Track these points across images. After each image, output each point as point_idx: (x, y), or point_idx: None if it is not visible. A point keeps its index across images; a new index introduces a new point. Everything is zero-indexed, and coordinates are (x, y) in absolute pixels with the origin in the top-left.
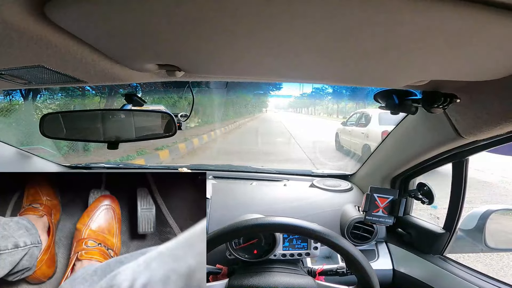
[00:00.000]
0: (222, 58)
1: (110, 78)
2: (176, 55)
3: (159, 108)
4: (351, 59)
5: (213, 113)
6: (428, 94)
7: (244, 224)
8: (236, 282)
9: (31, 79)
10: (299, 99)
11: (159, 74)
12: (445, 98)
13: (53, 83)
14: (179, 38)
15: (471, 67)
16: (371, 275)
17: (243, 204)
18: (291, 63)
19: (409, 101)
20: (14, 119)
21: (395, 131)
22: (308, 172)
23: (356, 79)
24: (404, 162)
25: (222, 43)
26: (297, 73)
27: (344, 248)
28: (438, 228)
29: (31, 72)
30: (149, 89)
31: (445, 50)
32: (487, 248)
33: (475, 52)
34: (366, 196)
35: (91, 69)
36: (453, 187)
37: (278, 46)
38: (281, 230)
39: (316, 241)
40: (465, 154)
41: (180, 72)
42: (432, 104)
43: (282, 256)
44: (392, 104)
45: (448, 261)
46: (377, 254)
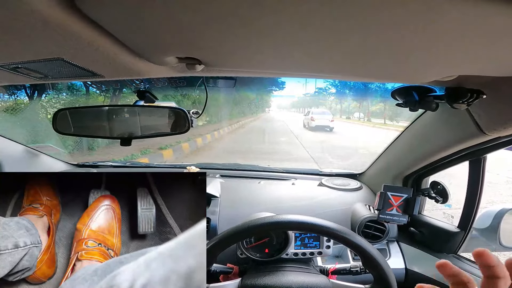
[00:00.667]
0: (245, 51)
1: (127, 72)
2: (199, 47)
3: (170, 104)
4: (380, 54)
5: (217, 113)
6: (452, 90)
7: (258, 222)
8: (249, 282)
9: (47, 73)
10: (302, 99)
11: (177, 68)
12: (471, 94)
13: (69, 77)
14: (203, 29)
15: (501, 62)
16: (388, 273)
17: (252, 202)
18: (316, 58)
19: (430, 98)
20: (19, 118)
21: (410, 129)
22: (316, 171)
23: (382, 75)
24: (419, 161)
25: (246, 35)
26: (321, 68)
27: (360, 246)
28: (453, 227)
29: (49, 65)
30: (163, 86)
31: (478, 44)
32: (502, 247)
33: (506, 46)
34: (380, 194)
35: (110, 62)
36: (469, 185)
37: (305, 40)
38: (296, 228)
39: (331, 239)
40: (484, 151)
41: (200, 66)
42: (457, 100)
43: (294, 255)
44: (412, 101)
45: (463, 260)
46: (389, 253)
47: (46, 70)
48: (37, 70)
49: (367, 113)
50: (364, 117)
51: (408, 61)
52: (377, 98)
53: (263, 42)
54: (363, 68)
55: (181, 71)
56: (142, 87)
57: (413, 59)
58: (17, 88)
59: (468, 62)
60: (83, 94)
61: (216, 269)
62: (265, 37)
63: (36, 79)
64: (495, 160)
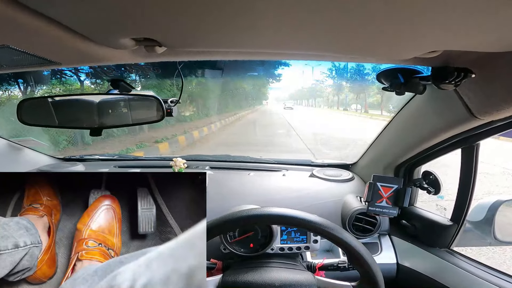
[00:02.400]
0: (208, 28)
1: (85, 59)
2: (153, 26)
3: (147, 93)
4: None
5: (213, 105)
6: (438, 69)
7: (238, 215)
8: (229, 278)
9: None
10: (299, 91)
11: (138, 52)
12: (458, 73)
13: (25, 66)
14: (154, 5)
15: (491, 35)
16: (375, 270)
17: (239, 194)
18: (284, 34)
19: (416, 79)
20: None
21: (399, 116)
22: (308, 162)
23: (361, 51)
24: (409, 149)
25: (206, 9)
26: (294, 45)
27: (345, 242)
28: (445, 220)
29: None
30: (138, 75)
31: (463, 14)
32: (496, 241)
33: (497, 17)
34: (369, 185)
35: (62, 48)
36: (461, 175)
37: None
38: (278, 221)
39: (316, 233)
40: (477, 138)
41: (161, 48)
42: (444, 80)
43: (280, 250)
44: (398, 83)
45: (456, 255)
46: (380, 247)
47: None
48: None
49: (364, 104)
50: (361, 108)
51: (384, 34)
52: (374, 90)
53: (226, 16)
54: (338, 45)
55: (143, 56)
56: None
57: (390, 32)
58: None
59: (453, 34)
60: (77, 89)
61: None
62: (232, 10)
63: None
64: (491, 150)
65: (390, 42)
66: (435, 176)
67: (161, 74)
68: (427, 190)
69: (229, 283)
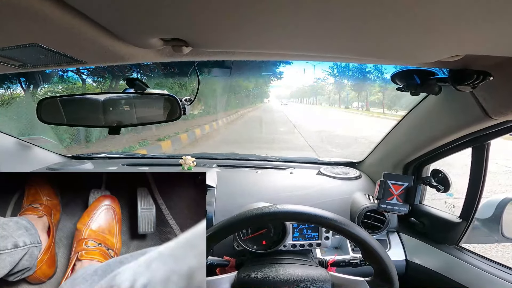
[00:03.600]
0: (233, 29)
1: (111, 57)
2: (183, 27)
3: (163, 91)
4: (380, 31)
5: (215, 103)
6: (457, 71)
7: (254, 213)
8: (245, 275)
9: (26, 60)
10: (300, 89)
11: (164, 51)
12: (477, 76)
13: (50, 64)
14: (186, 6)
15: (510, 40)
16: (389, 265)
17: (249, 192)
18: (313, 36)
19: (433, 80)
20: (15, 112)
21: (410, 115)
22: (314, 160)
23: (383, 54)
24: (420, 147)
25: (234, 12)
26: (313, 47)
27: (360, 237)
28: (454, 217)
29: (26, 51)
30: (151, 73)
31: (488, 21)
32: (504, 239)
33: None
34: (380, 183)
35: (90, 46)
36: (472, 173)
37: (301, 18)
38: (293, 218)
39: (330, 230)
40: (488, 137)
41: (188, 48)
42: (463, 82)
43: (292, 247)
44: (414, 84)
45: (464, 252)
46: (389, 244)
47: (23, 57)
48: (14, 58)
49: (366, 102)
50: (363, 106)
51: (410, 39)
52: (376, 88)
53: (254, 18)
54: (361, 47)
55: (168, 55)
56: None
57: (416, 36)
58: (11, 81)
59: (476, 40)
60: (79, 87)
61: (213, 262)
62: (258, 13)
63: (16, 67)
64: (493, 149)
65: (417, 46)
66: (444, 174)
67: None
68: (436, 188)
69: (245, 280)
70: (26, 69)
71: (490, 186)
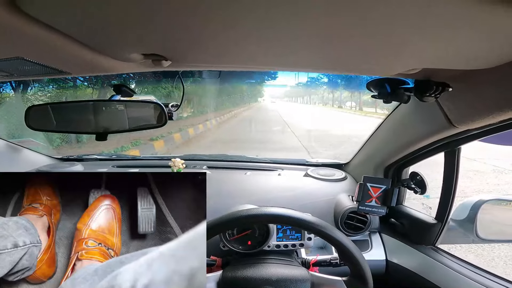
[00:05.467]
0: (210, 47)
1: (94, 69)
2: (161, 44)
3: (149, 98)
4: (343, 46)
5: (208, 103)
6: (420, 82)
7: (237, 215)
8: (229, 274)
9: (12, 71)
10: (294, 89)
11: (145, 64)
12: (437, 87)
13: (36, 75)
14: (163, 25)
15: (465, 55)
16: (363, 266)
17: (237, 194)
18: (280, 51)
19: (401, 90)
20: (4, 112)
21: (389, 119)
22: (303, 162)
23: (348, 67)
24: (397, 151)
25: (209, 32)
26: (286, 61)
27: (336, 239)
28: (430, 219)
29: (11, 64)
30: (140, 79)
31: (439, 37)
32: (479, 239)
33: (469, 40)
34: (359, 186)
35: (72, 60)
36: (445, 176)
37: (267, 34)
38: (273, 220)
39: (309, 231)
40: (457, 143)
41: (167, 62)
42: (424, 92)
43: (276, 247)
44: (386, 93)
45: (440, 252)
46: (371, 244)
47: (10, 68)
48: (0, 69)
49: (359, 102)
50: (356, 106)
51: (371, 54)
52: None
53: (226, 37)
54: (331, 62)
55: (150, 67)
56: (127, 80)
57: (377, 52)
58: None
59: (431, 55)
60: (70, 87)
61: None
62: (228, 33)
63: (3, 76)
64: (481, 148)
65: (376, 61)
66: (422, 177)
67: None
68: (414, 190)
69: (229, 279)
70: (13, 79)
71: (478, 185)
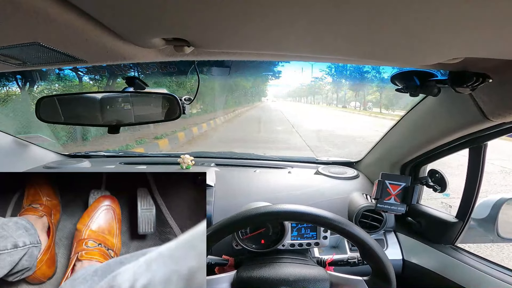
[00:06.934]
0: (239, 30)
1: (112, 57)
2: (186, 27)
3: (162, 90)
4: (385, 32)
5: (213, 102)
6: (457, 73)
7: (253, 212)
8: (245, 274)
9: (25, 59)
10: (298, 89)
11: (165, 51)
12: (477, 78)
13: (50, 63)
14: (189, 5)
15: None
16: (387, 265)
17: (247, 191)
18: (314, 38)
19: (432, 82)
20: (11, 109)
21: (408, 116)
22: (312, 159)
23: (383, 56)
24: (418, 148)
25: (238, 12)
26: (315, 49)
27: (359, 237)
28: (451, 217)
29: (26, 50)
30: (150, 72)
31: (489, 24)
32: (499, 238)
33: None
34: (378, 183)
35: (91, 46)
36: (468, 174)
37: (303, 19)
38: (292, 218)
39: (329, 229)
40: (486, 138)
41: (189, 48)
42: (462, 84)
43: (290, 246)
44: (413, 85)
45: (461, 251)
46: (386, 243)
47: (23, 55)
48: (14, 56)
49: (363, 102)
50: (360, 106)
51: (410, 42)
52: (373, 88)
53: (257, 19)
54: (363, 49)
55: (169, 55)
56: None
57: (416, 39)
58: (7, 79)
59: (477, 43)
60: (76, 85)
61: (211, 261)
62: (261, 14)
63: (15, 65)
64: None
65: (417, 49)
66: (441, 175)
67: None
68: (433, 188)
69: (244, 279)
70: (25, 68)
71: (485, 186)
